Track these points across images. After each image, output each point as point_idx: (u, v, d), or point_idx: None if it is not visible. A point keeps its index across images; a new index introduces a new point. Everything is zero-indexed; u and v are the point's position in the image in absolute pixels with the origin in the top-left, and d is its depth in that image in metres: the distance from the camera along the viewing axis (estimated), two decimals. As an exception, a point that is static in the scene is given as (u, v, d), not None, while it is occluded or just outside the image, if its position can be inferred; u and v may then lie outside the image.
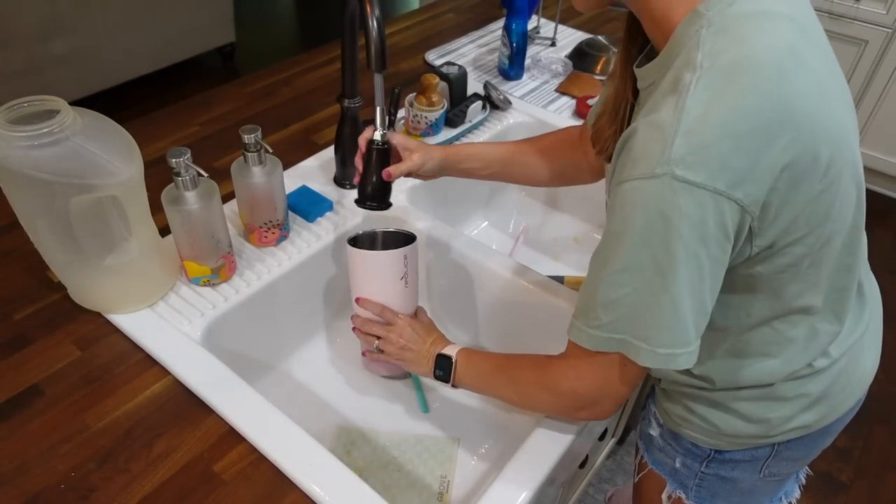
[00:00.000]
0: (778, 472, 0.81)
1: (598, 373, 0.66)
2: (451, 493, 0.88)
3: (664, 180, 0.53)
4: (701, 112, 0.54)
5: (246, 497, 0.67)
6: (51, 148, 0.66)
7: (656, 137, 0.55)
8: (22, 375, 0.77)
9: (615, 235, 0.58)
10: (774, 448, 0.78)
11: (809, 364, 0.71)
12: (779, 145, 0.54)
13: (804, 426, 0.75)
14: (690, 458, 0.82)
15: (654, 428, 0.87)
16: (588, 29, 1.64)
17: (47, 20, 2.39)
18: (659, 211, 0.54)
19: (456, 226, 1.27)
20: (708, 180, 0.53)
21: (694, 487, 0.84)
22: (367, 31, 0.75)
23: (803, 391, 0.72)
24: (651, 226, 0.55)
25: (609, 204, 0.61)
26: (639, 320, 0.60)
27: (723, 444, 0.78)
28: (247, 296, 0.88)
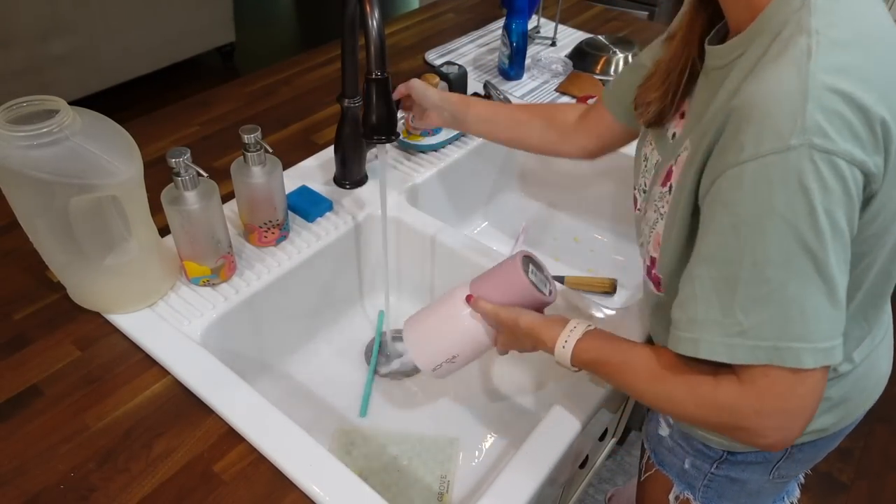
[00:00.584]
0: (787, 473, 0.81)
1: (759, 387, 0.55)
2: (451, 493, 0.88)
3: (801, 151, 0.49)
4: (829, 80, 0.50)
5: (246, 497, 0.67)
6: (50, 148, 0.66)
7: (783, 107, 0.50)
8: (21, 375, 0.77)
9: (747, 224, 0.52)
10: (787, 450, 0.76)
11: (834, 368, 0.69)
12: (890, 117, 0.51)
13: (821, 430, 0.74)
14: (701, 459, 0.80)
15: (664, 429, 0.85)
16: (588, 29, 1.64)
17: (47, 20, 2.39)
18: (801, 185, 0.49)
19: (456, 226, 1.26)
20: (846, 149, 0.49)
21: (702, 488, 0.83)
22: (367, 31, 0.75)
23: (825, 395, 0.67)
24: (794, 204, 0.50)
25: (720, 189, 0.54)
26: (796, 317, 0.52)
27: (737, 446, 0.76)
28: (247, 296, 0.88)
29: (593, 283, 1.17)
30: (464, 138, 1.21)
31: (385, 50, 0.76)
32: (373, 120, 0.80)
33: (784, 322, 0.52)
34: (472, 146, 1.20)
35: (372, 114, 0.80)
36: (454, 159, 1.17)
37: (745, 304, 0.53)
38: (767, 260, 0.51)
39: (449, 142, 1.18)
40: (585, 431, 0.79)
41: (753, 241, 0.52)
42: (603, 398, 0.80)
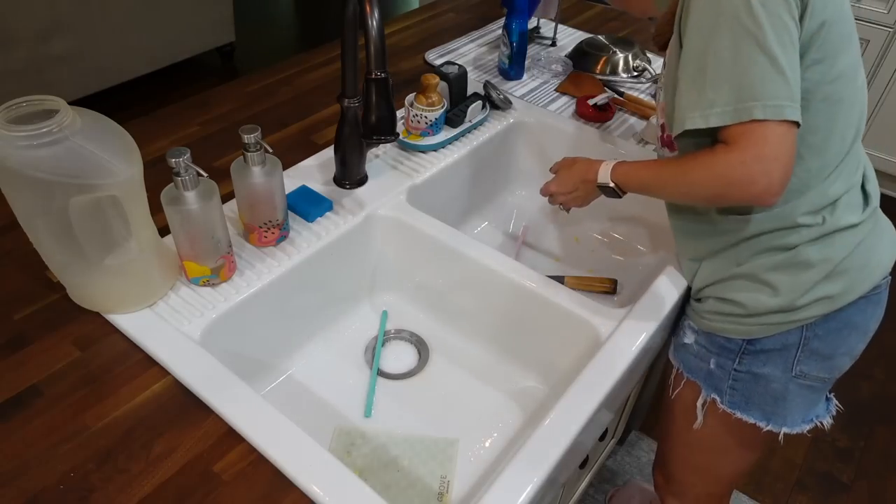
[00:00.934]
0: (807, 371, 0.85)
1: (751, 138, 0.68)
2: (451, 493, 0.88)
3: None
4: None
5: (246, 497, 0.67)
6: (50, 148, 0.66)
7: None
8: (21, 376, 0.77)
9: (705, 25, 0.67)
10: (802, 334, 0.82)
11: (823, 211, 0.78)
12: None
13: (826, 297, 0.79)
14: (724, 355, 0.87)
15: (689, 336, 0.92)
16: (588, 29, 1.64)
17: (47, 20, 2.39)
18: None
19: (456, 226, 1.26)
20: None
21: (728, 390, 0.89)
22: (367, 31, 0.75)
23: (826, 256, 0.78)
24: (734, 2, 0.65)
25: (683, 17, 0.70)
26: (746, 81, 0.66)
27: (753, 330, 0.83)
28: (246, 296, 0.88)
29: (593, 283, 1.17)
30: (463, 138, 1.21)
31: (385, 50, 0.76)
32: (373, 120, 0.80)
33: (739, 89, 0.66)
34: (472, 146, 1.20)
35: (372, 114, 0.80)
36: (454, 159, 1.16)
37: (712, 83, 0.68)
38: (723, 47, 0.66)
39: (449, 142, 1.18)
40: (585, 432, 0.79)
41: (710, 35, 0.67)
42: (603, 398, 0.80)
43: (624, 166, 0.86)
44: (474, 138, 1.21)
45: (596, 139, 1.23)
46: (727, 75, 0.67)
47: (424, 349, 1.07)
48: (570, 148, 1.27)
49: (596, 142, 1.23)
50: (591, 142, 1.24)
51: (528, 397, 1.01)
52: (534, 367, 1.03)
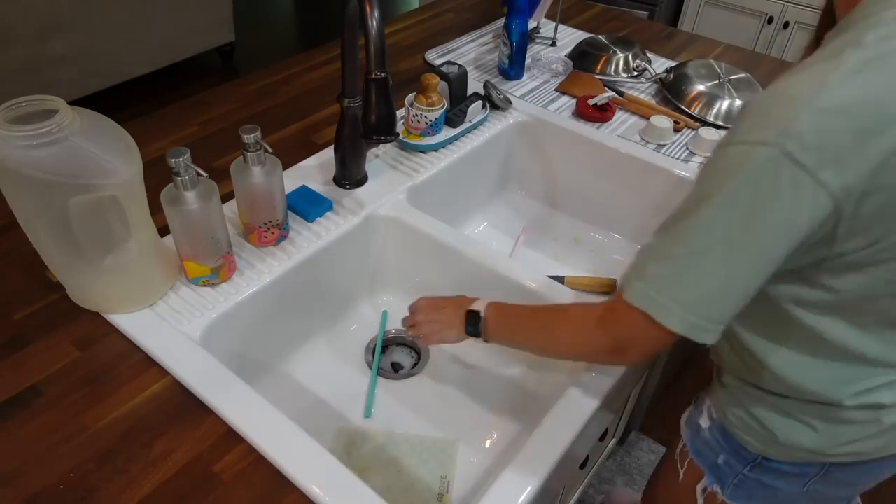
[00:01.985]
0: (824, 491, 0.77)
1: (633, 322, 0.62)
2: (451, 493, 0.88)
3: (773, 151, 0.50)
4: (844, 96, 0.50)
5: (245, 497, 0.67)
6: (50, 148, 0.66)
7: (784, 105, 0.51)
8: (21, 376, 0.77)
9: (701, 197, 0.55)
10: (825, 467, 0.74)
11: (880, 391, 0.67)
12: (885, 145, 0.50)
13: (860, 453, 0.72)
14: (735, 458, 0.80)
15: (705, 420, 0.84)
16: (588, 29, 1.64)
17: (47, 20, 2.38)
18: (754, 181, 0.51)
19: (456, 226, 1.26)
20: (815, 167, 0.50)
21: (731, 486, 0.82)
22: (367, 31, 0.75)
23: (876, 418, 0.68)
24: (740, 194, 0.52)
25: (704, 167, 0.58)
26: (686, 283, 0.57)
27: (773, 453, 0.75)
28: (246, 296, 0.88)
29: (593, 283, 1.17)
30: (463, 138, 1.20)
31: (385, 50, 0.76)
32: (372, 119, 0.80)
33: (676, 283, 0.57)
34: (472, 146, 1.20)
35: (372, 113, 0.80)
36: (454, 159, 1.16)
37: (657, 258, 0.59)
38: (696, 228, 0.55)
39: (449, 142, 1.18)
40: (585, 432, 0.79)
41: (695, 210, 0.55)
42: (603, 399, 0.80)
43: (499, 303, 0.81)
44: (474, 138, 1.21)
45: (596, 139, 1.23)
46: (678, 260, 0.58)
47: (424, 349, 1.07)
48: (571, 148, 1.27)
49: (596, 142, 1.23)
50: (591, 142, 1.23)
51: (528, 397, 1.00)
52: (534, 368, 1.03)
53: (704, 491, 0.87)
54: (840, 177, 0.50)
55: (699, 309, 0.57)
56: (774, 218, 0.52)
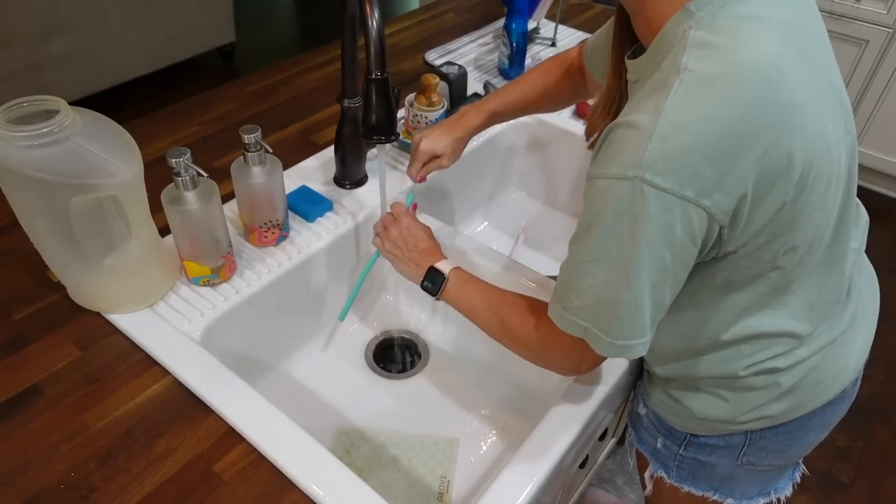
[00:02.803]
0: (758, 461, 0.82)
1: (569, 347, 0.69)
2: (451, 493, 0.88)
3: (635, 183, 0.55)
4: (677, 119, 0.54)
5: (246, 497, 0.67)
6: (50, 148, 0.66)
7: (632, 139, 0.56)
8: (22, 375, 0.77)
9: (587, 227, 0.61)
10: (748, 436, 0.79)
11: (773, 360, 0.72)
12: (751, 157, 0.55)
13: (771, 416, 0.76)
14: (670, 439, 0.85)
15: (642, 408, 0.89)
16: (588, 29, 1.64)
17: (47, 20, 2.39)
18: (627, 212, 0.56)
19: (456, 226, 1.26)
20: (676, 187, 0.54)
21: (675, 468, 0.87)
22: (367, 31, 0.75)
23: (774, 381, 0.74)
24: (619, 224, 0.57)
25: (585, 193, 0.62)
26: (602, 313, 0.63)
27: (696, 429, 0.81)
28: (247, 296, 0.88)
29: (593, 283, 1.17)
30: (464, 138, 1.20)
31: (385, 50, 0.76)
32: (373, 120, 0.80)
33: (596, 314, 0.63)
34: (472, 146, 1.20)
35: (372, 114, 0.80)
36: (454, 159, 1.16)
37: (576, 289, 0.64)
38: (593, 260, 0.61)
39: (449, 142, 1.18)
40: (585, 432, 0.79)
41: (586, 241, 0.61)
42: (603, 399, 0.80)
43: (464, 273, 0.82)
44: (474, 139, 1.21)
45: (596, 139, 1.23)
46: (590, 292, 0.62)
47: (424, 349, 1.07)
48: (570, 148, 1.27)
49: (596, 142, 1.23)
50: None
51: (528, 397, 1.01)
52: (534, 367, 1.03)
53: (652, 477, 0.91)
54: (703, 190, 0.55)
55: (623, 334, 0.63)
56: (656, 239, 0.57)
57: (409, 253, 0.87)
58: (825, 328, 0.74)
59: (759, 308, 0.69)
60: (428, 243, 0.88)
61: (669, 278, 0.60)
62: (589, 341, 0.65)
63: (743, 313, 0.69)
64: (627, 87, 0.68)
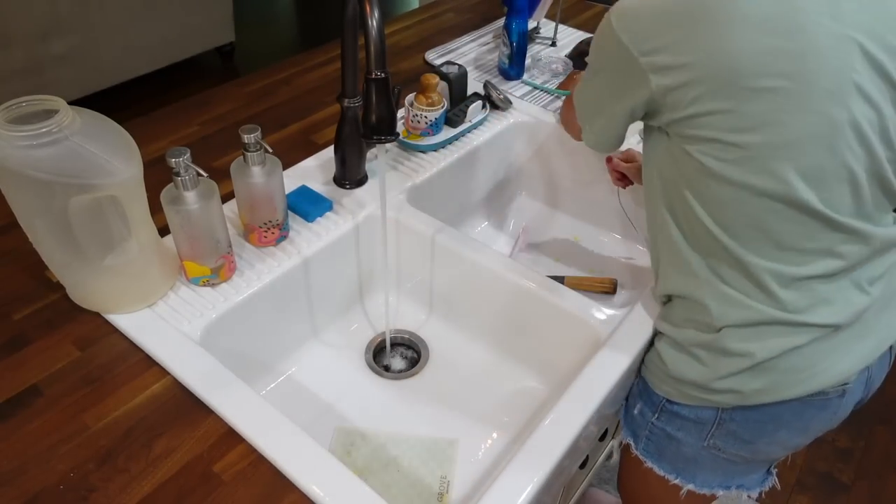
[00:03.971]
0: (723, 447, 0.83)
1: None
2: (451, 493, 0.88)
3: (609, 19, 0.71)
4: None
5: (245, 497, 0.67)
6: (50, 148, 0.66)
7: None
8: (21, 375, 0.77)
9: None
10: (718, 414, 0.80)
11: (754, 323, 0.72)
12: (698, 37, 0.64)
13: (740, 392, 0.76)
14: (647, 405, 0.88)
15: (636, 377, 0.92)
16: (588, 29, 1.64)
17: (47, 20, 2.39)
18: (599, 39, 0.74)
19: (456, 226, 1.26)
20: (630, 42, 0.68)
21: (644, 439, 0.90)
22: (367, 31, 0.75)
23: (748, 349, 0.73)
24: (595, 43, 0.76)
25: None
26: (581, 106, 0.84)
27: (670, 391, 0.83)
28: (246, 296, 0.88)
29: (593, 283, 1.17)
30: (463, 138, 1.20)
31: (385, 50, 0.76)
32: (372, 120, 0.80)
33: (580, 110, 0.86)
34: (472, 146, 1.20)
35: (372, 114, 0.80)
36: (454, 159, 1.16)
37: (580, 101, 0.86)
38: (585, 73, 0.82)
39: (449, 142, 1.18)
40: (585, 432, 0.79)
41: None
42: (603, 399, 0.80)
43: None
44: (474, 138, 1.21)
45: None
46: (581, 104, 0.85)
47: (424, 349, 1.07)
48: (571, 148, 1.27)
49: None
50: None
51: (528, 397, 1.01)
52: (534, 367, 1.03)
53: (620, 444, 0.95)
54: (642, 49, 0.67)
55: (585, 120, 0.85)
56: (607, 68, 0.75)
57: None
58: (823, 312, 0.71)
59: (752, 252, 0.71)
60: None
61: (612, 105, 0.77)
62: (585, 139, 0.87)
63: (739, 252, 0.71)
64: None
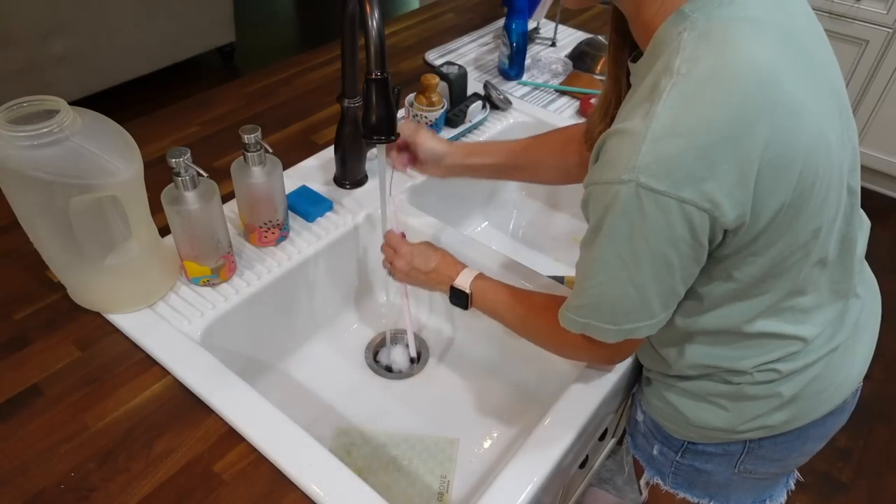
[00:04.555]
0: (755, 469, 0.82)
1: (580, 342, 0.71)
2: (451, 493, 0.88)
3: (629, 187, 0.55)
4: (669, 121, 0.54)
5: (246, 497, 0.67)
6: (50, 148, 0.66)
7: (626, 144, 0.56)
8: (22, 375, 0.77)
9: (591, 231, 0.62)
10: (746, 445, 0.78)
11: (777, 369, 0.72)
12: (747, 158, 0.55)
13: (772, 426, 0.76)
14: (667, 446, 0.85)
15: (640, 414, 0.89)
16: (588, 29, 1.64)
17: (47, 20, 2.38)
18: (624, 215, 0.57)
19: (456, 226, 1.26)
20: (672, 188, 0.55)
21: (671, 475, 0.87)
22: (367, 31, 0.75)
23: (775, 391, 0.73)
24: (617, 228, 0.58)
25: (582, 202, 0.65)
26: (602, 308, 0.65)
27: (693, 436, 0.80)
28: (247, 296, 0.88)
29: (593, 283, 1.17)
30: (463, 138, 1.20)
31: (385, 50, 0.76)
32: (372, 120, 0.80)
33: (595, 310, 0.65)
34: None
35: (372, 114, 0.80)
36: (454, 159, 1.16)
37: (580, 290, 0.66)
38: (595, 260, 0.62)
39: (449, 142, 1.18)
40: (585, 432, 0.79)
41: (591, 245, 0.62)
42: (603, 399, 0.80)
43: (484, 283, 0.84)
44: (474, 138, 1.21)
45: (596, 139, 1.23)
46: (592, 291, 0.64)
47: (424, 349, 1.07)
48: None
49: (596, 142, 1.23)
50: (590, 142, 1.24)
51: (528, 397, 1.01)
52: (534, 368, 1.03)
53: (648, 484, 0.91)
54: (700, 191, 0.55)
55: (628, 320, 0.64)
56: (655, 239, 0.57)
57: (425, 278, 0.87)
58: (829, 334, 0.73)
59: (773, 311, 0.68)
60: (436, 261, 0.87)
61: (677, 272, 0.61)
62: (591, 335, 0.67)
63: (757, 315, 0.69)
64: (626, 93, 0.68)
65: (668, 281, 0.61)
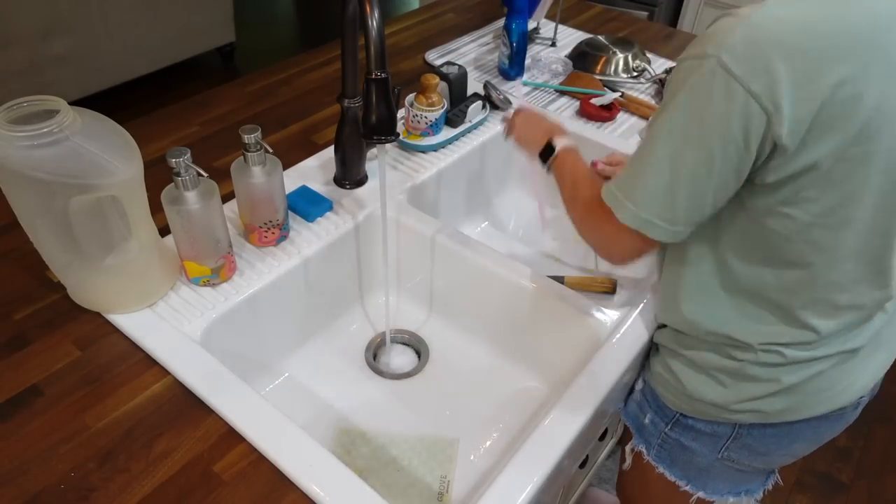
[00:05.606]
0: (737, 458, 0.83)
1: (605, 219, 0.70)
2: (451, 493, 0.88)
3: (710, 62, 0.55)
4: (774, 13, 0.54)
5: (246, 497, 0.67)
6: (50, 148, 0.66)
7: (728, 23, 0.57)
8: (21, 375, 0.77)
9: (662, 105, 0.62)
10: (735, 429, 0.79)
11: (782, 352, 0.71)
12: (827, 79, 0.54)
13: (763, 412, 0.76)
14: (659, 416, 0.86)
15: (640, 382, 0.91)
16: (588, 29, 1.64)
17: (47, 20, 2.39)
18: (693, 92, 0.57)
19: (456, 226, 1.26)
20: (746, 76, 0.54)
21: (656, 447, 0.89)
22: (367, 31, 0.75)
23: (775, 376, 0.73)
24: (682, 105, 0.59)
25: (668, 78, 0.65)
26: (635, 180, 0.64)
27: (686, 408, 0.82)
28: (247, 296, 0.88)
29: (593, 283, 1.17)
30: (463, 138, 1.21)
31: (385, 50, 0.76)
32: (373, 120, 0.80)
33: (628, 182, 0.65)
34: (471, 146, 1.20)
35: (372, 114, 0.80)
36: (454, 159, 1.17)
37: (627, 164, 0.66)
38: (649, 137, 0.62)
39: (449, 142, 1.18)
40: (585, 432, 0.79)
41: (656, 118, 0.62)
42: (603, 399, 0.80)
43: (570, 154, 0.86)
44: (474, 138, 1.21)
45: (597, 139, 1.23)
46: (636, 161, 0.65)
47: (424, 349, 1.07)
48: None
49: (597, 142, 1.23)
50: (592, 141, 1.24)
51: (528, 397, 1.01)
52: (534, 367, 1.03)
53: (632, 451, 0.93)
54: (770, 89, 0.54)
55: (649, 206, 0.64)
56: (710, 127, 0.57)
57: (532, 130, 0.92)
58: (845, 335, 0.73)
59: (808, 296, 0.68)
60: (548, 123, 0.93)
61: (715, 177, 0.60)
62: (612, 206, 0.67)
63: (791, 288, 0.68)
64: None
65: (702, 183, 0.61)
